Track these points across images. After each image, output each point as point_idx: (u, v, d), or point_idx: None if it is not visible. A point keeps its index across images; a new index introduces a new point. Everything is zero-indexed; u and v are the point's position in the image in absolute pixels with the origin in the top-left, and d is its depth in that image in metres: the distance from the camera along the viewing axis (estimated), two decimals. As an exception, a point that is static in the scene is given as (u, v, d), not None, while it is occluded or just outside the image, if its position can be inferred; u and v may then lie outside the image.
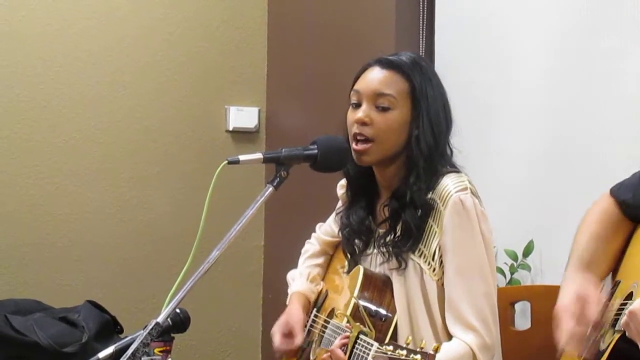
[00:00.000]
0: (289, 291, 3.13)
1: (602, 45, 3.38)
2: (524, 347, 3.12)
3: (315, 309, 3.05)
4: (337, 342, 2.63)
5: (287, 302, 3.11)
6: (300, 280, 3.13)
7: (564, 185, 3.50)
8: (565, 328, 2.50)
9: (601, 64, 3.43)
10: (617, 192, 2.73)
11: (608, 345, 2.43)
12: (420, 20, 4.14)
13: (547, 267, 3.58)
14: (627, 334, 2.30)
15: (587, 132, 3.46)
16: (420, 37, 4.14)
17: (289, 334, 3.01)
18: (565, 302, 2.54)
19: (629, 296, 2.49)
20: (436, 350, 2.20)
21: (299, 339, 2.99)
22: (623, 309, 2.43)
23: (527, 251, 3.63)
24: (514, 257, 3.65)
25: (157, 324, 2.31)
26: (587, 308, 2.50)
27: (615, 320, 2.45)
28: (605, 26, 3.39)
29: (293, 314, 3.03)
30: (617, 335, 2.38)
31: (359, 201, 2.98)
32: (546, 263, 3.59)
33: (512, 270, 3.64)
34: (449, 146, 2.89)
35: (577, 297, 2.53)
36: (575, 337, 2.48)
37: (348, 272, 2.98)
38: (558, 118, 3.56)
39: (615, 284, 2.61)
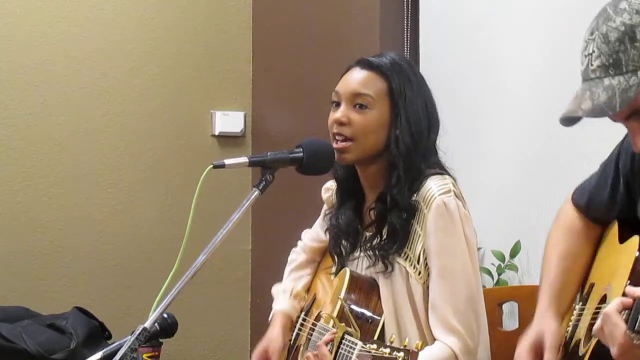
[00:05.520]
0: (273, 307, 3.11)
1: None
2: (512, 347, 3.10)
3: (303, 313, 3.05)
4: (326, 337, 2.63)
5: (269, 320, 3.08)
6: (283, 297, 3.10)
7: (551, 186, 3.49)
8: None
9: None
10: (577, 199, 2.69)
11: (587, 350, 2.42)
12: (405, 22, 4.15)
13: (534, 267, 3.58)
14: (600, 338, 2.28)
15: (574, 133, 3.43)
16: (405, 39, 4.15)
17: None
18: (520, 351, 2.59)
19: (603, 299, 2.48)
20: (419, 347, 2.20)
21: None
22: (598, 312, 2.43)
23: (514, 252, 3.63)
24: (501, 258, 3.65)
25: (144, 329, 2.31)
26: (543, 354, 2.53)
27: (592, 325, 2.45)
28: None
29: (273, 339, 3.01)
30: (594, 340, 2.38)
31: (347, 203, 2.98)
32: (533, 264, 3.58)
33: (500, 271, 3.64)
34: (434, 147, 2.89)
35: (532, 345, 2.56)
36: None
37: (335, 274, 2.98)
38: (545, 119, 3.55)
39: (590, 287, 2.60)
